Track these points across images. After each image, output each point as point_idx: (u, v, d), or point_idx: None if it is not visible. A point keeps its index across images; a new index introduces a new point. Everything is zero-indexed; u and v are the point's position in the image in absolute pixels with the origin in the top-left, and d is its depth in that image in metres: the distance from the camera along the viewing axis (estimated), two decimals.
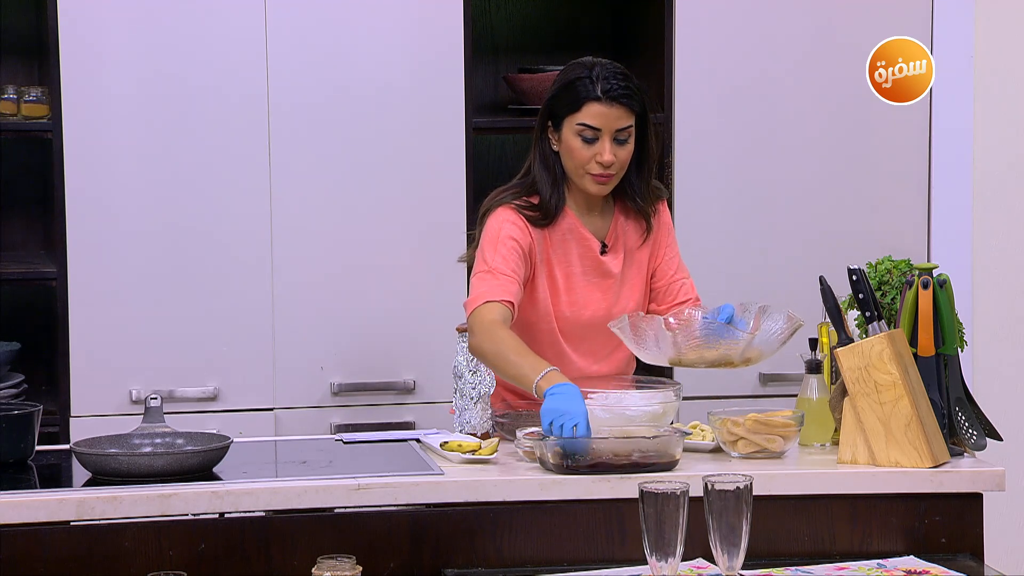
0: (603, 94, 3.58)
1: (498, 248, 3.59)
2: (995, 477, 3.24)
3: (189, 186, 4.38)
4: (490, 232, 3.63)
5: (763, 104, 4.60)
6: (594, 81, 3.59)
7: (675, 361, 3.44)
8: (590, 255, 3.70)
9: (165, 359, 4.39)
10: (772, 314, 3.44)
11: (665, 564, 2.65)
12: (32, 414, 3.29)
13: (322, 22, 4.42)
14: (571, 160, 3.63)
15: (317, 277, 4.45)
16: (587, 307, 3.68)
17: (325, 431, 4.40)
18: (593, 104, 3.59)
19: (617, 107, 3.59)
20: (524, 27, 4.96)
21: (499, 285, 3.55)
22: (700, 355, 3.42)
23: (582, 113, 3.59)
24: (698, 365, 3.45)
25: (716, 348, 3.41)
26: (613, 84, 3.59)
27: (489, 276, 3.57)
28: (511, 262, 3.58)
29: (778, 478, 3.19)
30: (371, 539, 3.08)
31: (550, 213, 3.65)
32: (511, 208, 3.65)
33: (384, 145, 4.46)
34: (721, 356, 3.42)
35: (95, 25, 4.32)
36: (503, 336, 3.45)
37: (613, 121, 3.59)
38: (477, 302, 3.54)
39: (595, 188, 3.64)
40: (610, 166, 3.60)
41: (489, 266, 3.58)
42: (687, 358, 3.43)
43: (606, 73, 3.61)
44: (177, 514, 3.05)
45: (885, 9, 4.59)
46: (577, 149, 3.61)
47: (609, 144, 3.59)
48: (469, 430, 3.43)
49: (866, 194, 4.65)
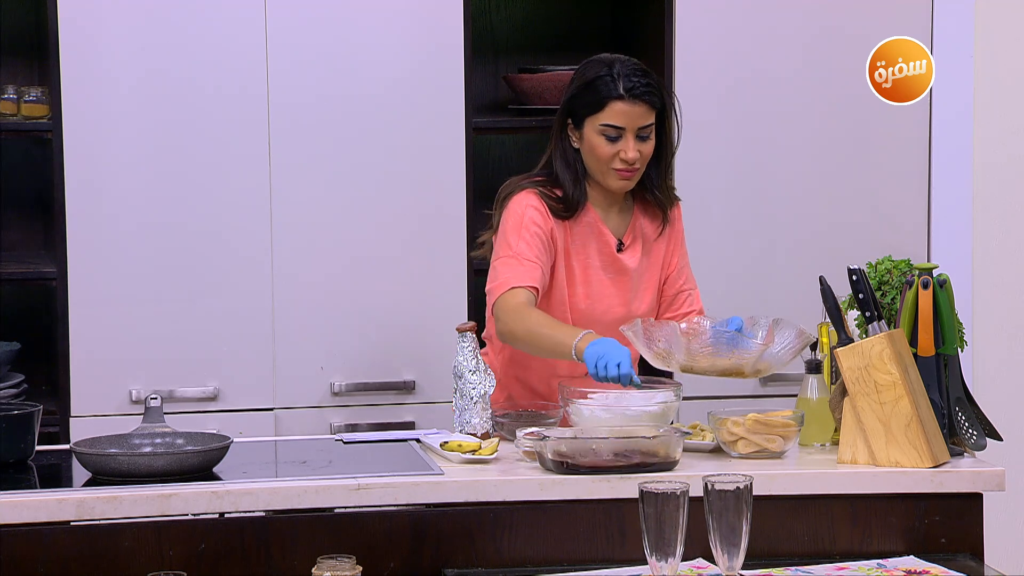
0: (626, 92, 3.58)
1: (522, 233, 3.59)
2: (995, 477, 3.24)
3: (189, 186, 4.38)
4: (513, 216, 3.62)
5: (763, 104, 4.60)
6: (615, 79, 3.59)
7: (686, 368, 3.44)
8: (607, 251, 3.70)
9: (165, 359, 4.39)
10: (785, 327, 3.44)
11: (665, 564, 2.65)
12: (32, 414, 3.29)
13: (322, 21, 4.42)
14: (594, 158, 3.63)
15: (317, 277, 4.45)
16: (601, 301, 3.69)
17: (325, 431, 4.40)
18: (616, 103, 3.59)
19: (640, 104, 3.59)
20: (524, 27, 4.96)
21: (524, 271, 3.55)
22: (712, 363, 3.42)
23: (605, 113, 3.59)
24: (709, 373, 3.45)
25: (728, 357, 3.41)
26: (635, 82, 3.59)
27: (514, 261, 3.57)
28: (535, 248, 3.59)
29: (778, 478, 3.19)
30: (371, 539, 3.08)
31: (573, 208, 3.66)
32: (534, 193, 3.65)
33: (384, 145, 4.46)
34: (732, 366, 3.42)
35: (95, 25, 4.32)
36: (533, 315, 3.49)
37: (636, 119, 3.60)
38: (503, 288, 3.54)
39: (618, 184, 3.65)
40: (634, 163, 3.61)
41: (513, 251, 3.58)
42: (699, 365, 3.43)
43: (627, 70, 3.60)
44: (177, 514, 3.05)
45: (885, 9, 4.59)
46: (600, 147, 3.61)
47: (633, 141, 3.60)
48: (469, 430, 3.43)
49: (866, 194, 4.64)
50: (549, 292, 3.67)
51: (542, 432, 3.24)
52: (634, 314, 3.70)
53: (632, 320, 3.51)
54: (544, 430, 3.27)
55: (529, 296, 3.54)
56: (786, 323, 3.45)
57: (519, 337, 3.50)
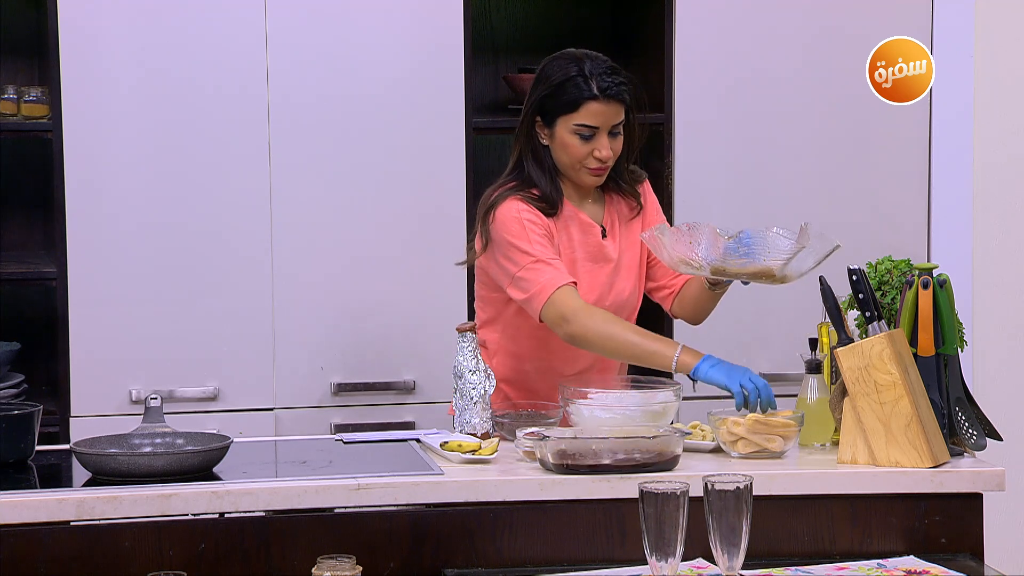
0: (600, 92, 3.58)
1: (532, 239, 3.59)
2: (995, 477, 3.24)
3: (189, 186, 4.38)
4: (512, 224, 3.61)
5: (763, 104, 4.60)
6: (589, 79, 3.59)
7: (718, 270, 3.43)
8: (592, 240, 3.70)
9: (165, 359, 4.39)
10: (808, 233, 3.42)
11: (665, 564, 2.65)
12: (32, 414, 3.29)
13: (322, 22, 4.42)
14: (567, 156, 3.63)
15: (317, 277, 4.45)
16: (590, 293, 3.68)
17: (325, 431, 4.40)
18: (591, 103, 3.59)
19: (614, 104, 3.60)
20: (524, 27, 4.96)
21: (558, 272, 3.56)
22: (744, 264, 3.41)
23: (580, 113, 3.59)
24: (740, 276, 3.44)
25: (764, 260, 3.40)
26: (608, 81, 3.59)
27: (543, 265, 3.57)
28: (550, 249, 3.60)
29: (778, 478, 3.19)
30: (371, 539, 3.08)
31: (553, 205, 3.67)
32: (518, 199, 3.64)
33: (384, 145, 4.46)
34: (764, 268, 3.41)
35: (95, 25, 4.32)
36: (610, 318, 3.51)
37: (610, 117, 3.60)
38: (549, 290, 3.54)
39: (590, 180, 3.66)
40: (607, 160, 3.61)
41: (536, 256, 3.57)
42: (732, 267, 3.42)
43: (599, 69, 3.60)
44: (177, 514, 3.05)
45: (885, 9, 4.59)
46: (574, 146, 3.61)
47: (606, 140, 3.61)
48: (469, 430, 3.43)
49: (866, 194, 4.65)
50: None
51: (542, 432, 3.24)
52: (619, 297, 3.71)
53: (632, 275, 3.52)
54: (544, 430, 3.28)
55: (578, 294, 3.54)
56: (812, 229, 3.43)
57: (604, 341, 3.50)
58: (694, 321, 3.82)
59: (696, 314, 3.79)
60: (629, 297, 3.75)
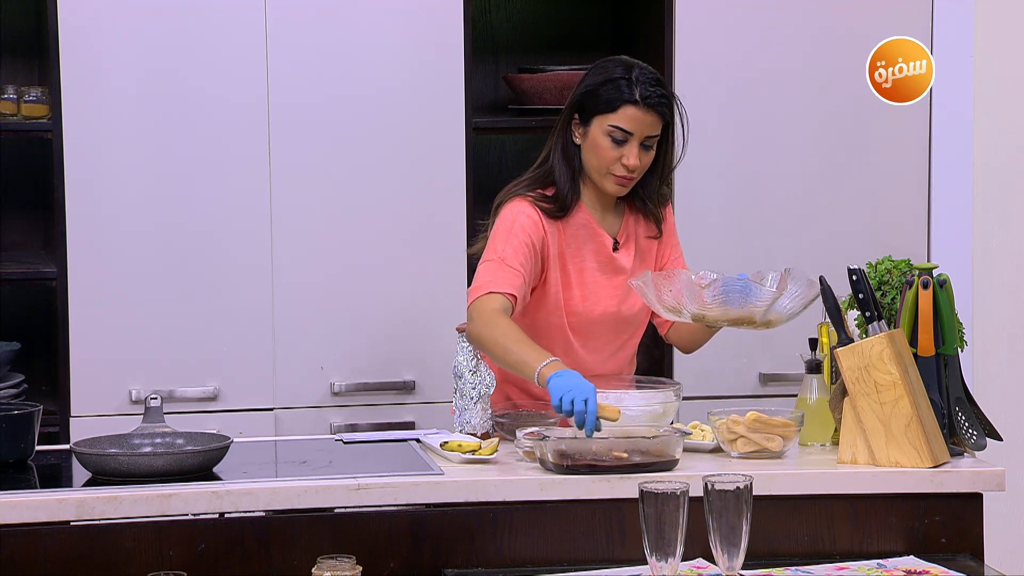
0: (641, 99, 3.58)
1: (510, 239, 3.59)
2: (995, 477, 3.24)
3: (189, 186, 4.38)
4: (504, 222, 3.63)
5: (763, 104, 4.60)
6: (633, 84, 3.59)
7: (698, 317, 3.43)
8: (604, 251, 3.70)
9: (165, 359, 4.39)
10: (796, 278, 3.43)
11: (665, 564, 2.65)
12: (32, 414, 3.29)
13: (322, 22, 4.42)
14: (595, 158, 3.63)
15: (317, 277, 4.45)
16: (599, 303, 3.69)
17: (325, 431, 4.40)
18: (629, 107, 3.58)
19: (652, 114, 3.59)
20: (524, 27, 4.96)
21: (505, 277, 3.55)
22: (724, 311, 3.41)
23: (617, 115, 3.59)
24: (720, 322, 3.44)
25: (741, 306, 3.40)
26: (652, 91, 3.59)
27: (496, 266, 3.57)
28: (520, 255, 3.58)
29: (778, 478, 3.19)
30: (371, 539, 3.08)
31: (565, 205, 3.66)
32: (527, 200, 3.65)
33: (384, 145, 4.45)
34: (745, 315, 3.41)
35: (95, 25, 4.32)
36: (504, 324, 3.46)
37: (646, 127, 3.60)
38: (481, 291, 3.55)
39: (614, 188, 3.65)
40: (634, 170, 3.61)
41: (499, 255, 3.58)
42: (711, 314, 3.42)
43: (645, 78, 3.60)
44: (177, 514, 3.05)
45: (885, 9, 4.59)
46: (604, 148, 3.61)
47: (637, 149, 3.60)
48: (469, 430, 3.43)
49: (866, 194, 4.64)
50: (545, 295, 3.67)
51: (542, 432, 3.24)
52: (629, 311, 3.71)
53: (629, 306, 3.50)
54: (544, 430, 3.28)
55: (505, 303, 3.53)
56: (797, 273, 3.44)
57: (486, 343, 3.46)
58: (686, 350, 3.84)
59: (689, 345, 3.81)
60: (638, 313, 3.74)
